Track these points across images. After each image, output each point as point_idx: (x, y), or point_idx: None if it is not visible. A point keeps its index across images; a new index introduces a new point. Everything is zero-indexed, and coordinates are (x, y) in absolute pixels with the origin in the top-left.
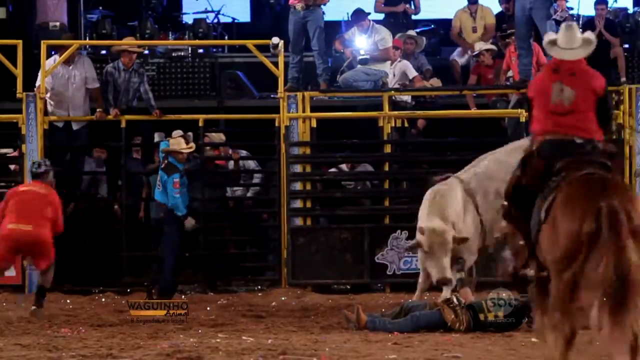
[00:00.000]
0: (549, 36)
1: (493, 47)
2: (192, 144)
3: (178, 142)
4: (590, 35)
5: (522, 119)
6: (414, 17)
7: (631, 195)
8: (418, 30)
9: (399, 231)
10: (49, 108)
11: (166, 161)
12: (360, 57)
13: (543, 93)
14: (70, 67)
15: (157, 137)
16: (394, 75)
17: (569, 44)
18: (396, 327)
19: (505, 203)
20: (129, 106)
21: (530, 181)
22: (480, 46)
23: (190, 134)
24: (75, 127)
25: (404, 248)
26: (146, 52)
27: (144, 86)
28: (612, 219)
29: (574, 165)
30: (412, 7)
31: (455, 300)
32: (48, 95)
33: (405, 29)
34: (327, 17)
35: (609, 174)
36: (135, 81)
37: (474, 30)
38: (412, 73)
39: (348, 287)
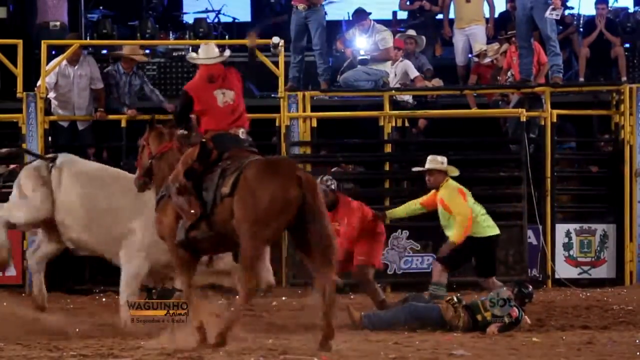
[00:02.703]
0: (191, 55)
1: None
2: None
3: None
4: (224, 51)
5: (523, 119)
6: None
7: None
8: None
9: (399, 231)
10: (53, 108)
11: None
12: (361, 57)
13: (208, 99)
14: (76, 67)
15: None
16: (395, 75)
17: (208, 55)
18: (391, 314)
19: (178, 184)
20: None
21: (200, 166)
22: (480, 47)
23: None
24: (80, 127)
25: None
26: (147, 51)
27: (148, 86)
28: (312, 187)
29: (239, 153)
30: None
31: (455, 298)
32: (53, 95)
33: (433, 28)
34: (328, 17)
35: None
36: (136, 83)
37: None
38: (414, 73)
39: (348, 287)
